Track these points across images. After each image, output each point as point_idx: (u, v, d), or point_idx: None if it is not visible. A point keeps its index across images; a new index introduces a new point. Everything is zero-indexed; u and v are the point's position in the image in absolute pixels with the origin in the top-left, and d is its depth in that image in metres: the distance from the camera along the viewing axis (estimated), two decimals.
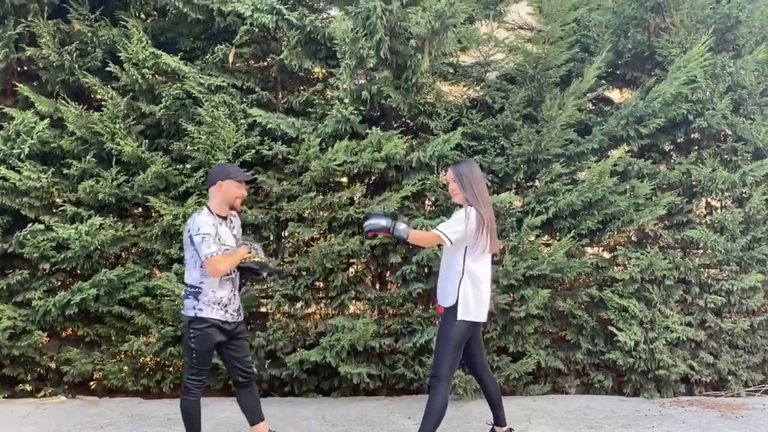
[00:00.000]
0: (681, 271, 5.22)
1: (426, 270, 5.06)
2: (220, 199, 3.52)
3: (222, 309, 3.47)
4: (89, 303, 4.86)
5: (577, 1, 5.33)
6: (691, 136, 5.49)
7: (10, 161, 4.85)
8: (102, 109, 4.93)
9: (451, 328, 3.54)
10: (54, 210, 5.03)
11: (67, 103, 4.93)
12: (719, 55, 5.25)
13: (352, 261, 5.18)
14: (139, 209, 5.31)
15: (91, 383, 5.20)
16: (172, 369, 5.13)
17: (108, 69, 5.01)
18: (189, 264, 3.48)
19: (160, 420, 4.48)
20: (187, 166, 5.04)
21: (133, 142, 4.90)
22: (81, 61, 5.04)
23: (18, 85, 4.98)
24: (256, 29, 4.98)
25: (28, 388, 5.08)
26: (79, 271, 5.03)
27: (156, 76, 5.06)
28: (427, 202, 5.37)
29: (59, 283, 5.04)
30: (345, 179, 5.23)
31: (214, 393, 5.01)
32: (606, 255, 5.55)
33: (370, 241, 4.77)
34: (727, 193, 5.38)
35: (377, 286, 5.32)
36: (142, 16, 5.38)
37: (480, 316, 3.61)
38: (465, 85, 5.52)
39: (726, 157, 5.39)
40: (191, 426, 3.51)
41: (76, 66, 5.00)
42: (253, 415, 3.69)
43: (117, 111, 4.90)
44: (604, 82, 5.67)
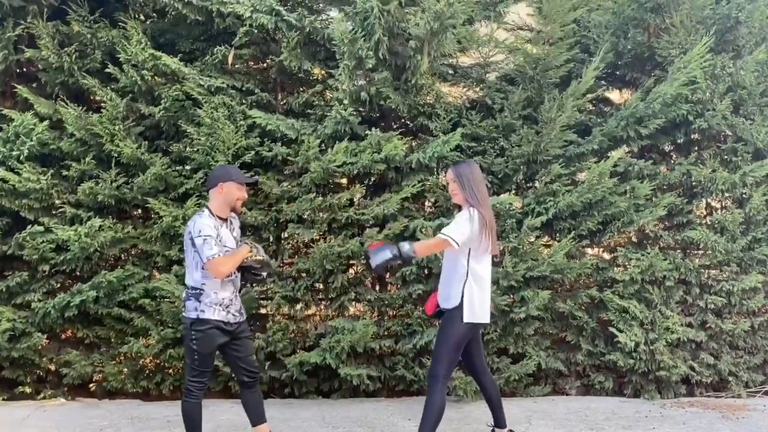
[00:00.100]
0: (681, 272, 5.21)
1: (426, 271, 5.06)
2: (221, 201, 3.52)
3: (224, 310, 3.47)
4: (89, 305, 4.86)
5: (577, 1, 5.32)
6: (691, 136, 5.48)
7: (10, 163, 4.84)
8: (101, 110, 4.93)
9: (453, 329, 3.53)
10: (53, 212, 5.03)
11: (67, 104, 4.93)
12: (719, 55, 5.24)
13: (351, 262, 5.18)
14: (139, 211, 5.31)
15: (91, 385, 5.19)
16: (171, 371, 5.13)
17: (107, 70, 5.02)
18: (190, 266, 3.47)
19: (160, 422, 4.47)
20: (187, 168, 5.05)
21: (133, 144, 4.90)
22: (80, 63, 5.04)
23: (17, 86, 4.97)
24: (256, 30, 4.98)
25: (27, 390, 5.07)
26: (78, 273, 5.02)
27: (155, 77, 5.06)
28: (426, 203, 5.37)
29: (59, 285, 5.03)
30: (344, 180, 5.24)
31: (214, 395, 5.00)
32: (606, 256, 5.55)
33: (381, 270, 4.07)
34: (727, 194, 5.37)
35: (377, 288, 5.32)
36: (142, 17, 5.38)
37: (484, 317, 3.61)
38: (464, 86, 5.52)
39: (726, 157, 5.39)
40: (192, 428, 3.50)
41: (76, 67, 5.00)
42: (255, 416, 3.68)
43: (116, 112, 4.91)
44: (603, 82, 5.69)
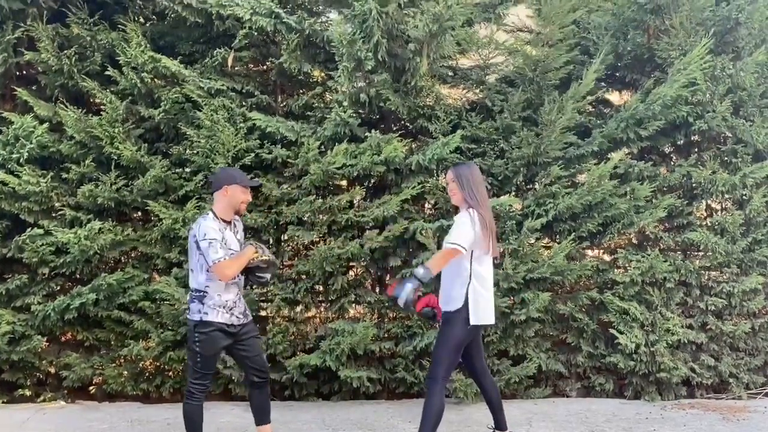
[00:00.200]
0: (681, 273, 5.20)
1: None
2: (225, 203, 3.52)
3: (227, 312, 3.47)
4: (88, 307, 4.86)
5: (576, 3, 5.31)
6: (691, 138, 5.48)
7: (9, 166, 4.84)
8: (101, 113, 4.93)
9: (454, 330, 3.52)
10: (53, 214, 5.03)
11: (66, 107, 4.93)
12: (719, 57, 5.24)
13: (351, 264, 5.18)
14: (139, 213, 5.30)
15: (91, 388, 5.19)
16: (171, 373, 5.12)
17: (107, 73, 5.02)
18: (194, 268, 3.48)
19: (159, 424, 4.47)
20: (187, 170, 5.05)
21: (132, 146, 4.90)
22: (80, 65, 5.05)
23: (17, 89, 4.97)
24: (255, 33, 4.98)
25: (27, 393, 5.07)
26: (78, 276, 5.02)
27: (155, 79, 5.06)
28: (426, 205, 5.37)
29: (58, 288, 5.03)
30: (344, 182, 5.23)
31: (215, 397, 4.99)
32: (606, 258, 5.54)
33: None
34: (727, 196, 5.37)
35: (377, 290, 5.31)
36: (141, 20, 5.38)
37: (490, 318, 3.60)
38: (464, 87, 5.52)
39: (726, 159, 5.38)
40: (193, 430, 3.49)
41: (75, 70, 5.00)
42: (261, 416, 3.68)
43: (116, 115, 4.91)
44: (603, 84, 5.68)
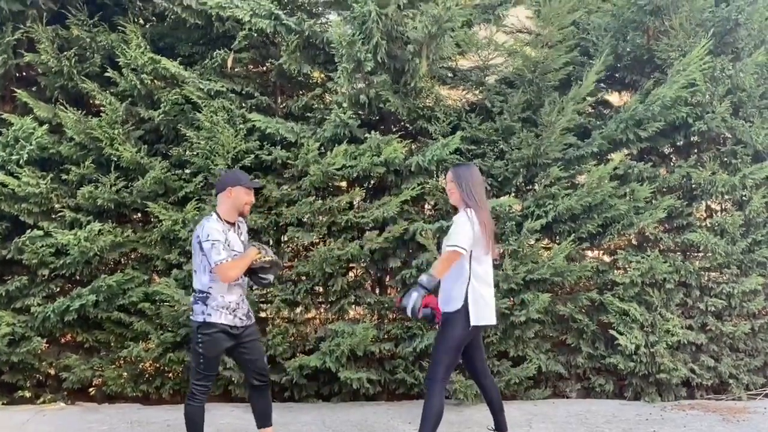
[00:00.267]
0: (681, 274, 5.20)
1: None
2: (229, 205, 3.52)
3: (230, 314, 3.47)
4: (88, 309, 4.85)
5: (576, 4, 5.32)
6: (691, 139, 5.48)
7: (9, 167, 4.84)
8: (101, 114, 4.93)
9: (454, 331, 3.52)
10: (53, 216, 5.03)
11: (66, 108, 4.93)
12: (718, 58, 5.25)
13: (351, 265, 5.18)
14: (138, 215, 5.30)
15: (91, 389, 5.19)
16: (171, 375, 5.12)
17: (107, 74, 5.02)
18: (198, 270, 3.48)
19: (159, 426, 4.46)
20: (186, 172, 5.04)
21: (132, 148, 4.90)
22: (79, 67, 5.05)
23: (17, 90, 4.97)
24: (255, 34, 4.98)
25: (27, 394, 5.06)
26: (78, 277, 5.02)
27: (155, 81, 5.06)
28: (426, 206, 5.37)
29: (58, 289, 5.02)
30: (344, 183, 5.23)
31: (215, 399, 4.99)
32: (606, 258, 5.54)
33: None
34: (727, 196, 5.37)
35: (377, 291, 5.31)
36: (141, 21, 5.38)
37: (491, 318, 3.60)
38: (464, 89, 5.52)
39: (726, 160, 5.38)
40: None
41: (75, 71, 5.00)
42: (262, 419, 3.68)
43: (116, 116, 4.91)
44: (603, 85, 5.68)
